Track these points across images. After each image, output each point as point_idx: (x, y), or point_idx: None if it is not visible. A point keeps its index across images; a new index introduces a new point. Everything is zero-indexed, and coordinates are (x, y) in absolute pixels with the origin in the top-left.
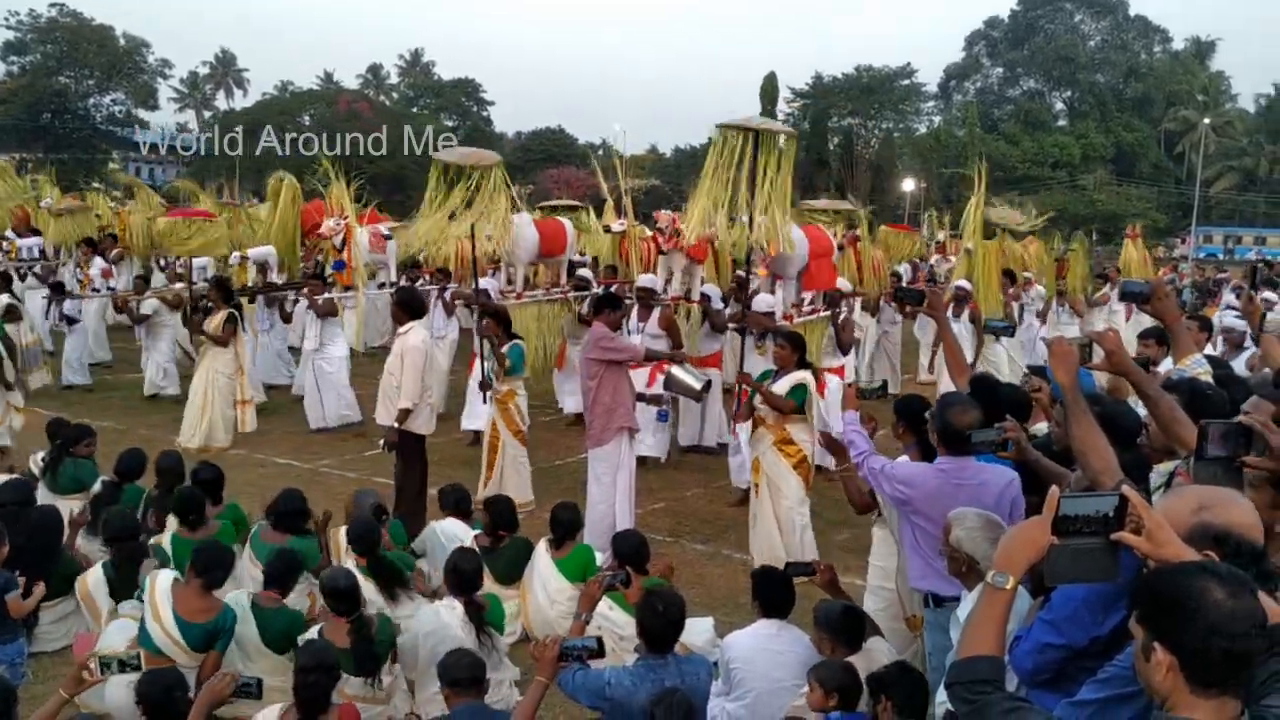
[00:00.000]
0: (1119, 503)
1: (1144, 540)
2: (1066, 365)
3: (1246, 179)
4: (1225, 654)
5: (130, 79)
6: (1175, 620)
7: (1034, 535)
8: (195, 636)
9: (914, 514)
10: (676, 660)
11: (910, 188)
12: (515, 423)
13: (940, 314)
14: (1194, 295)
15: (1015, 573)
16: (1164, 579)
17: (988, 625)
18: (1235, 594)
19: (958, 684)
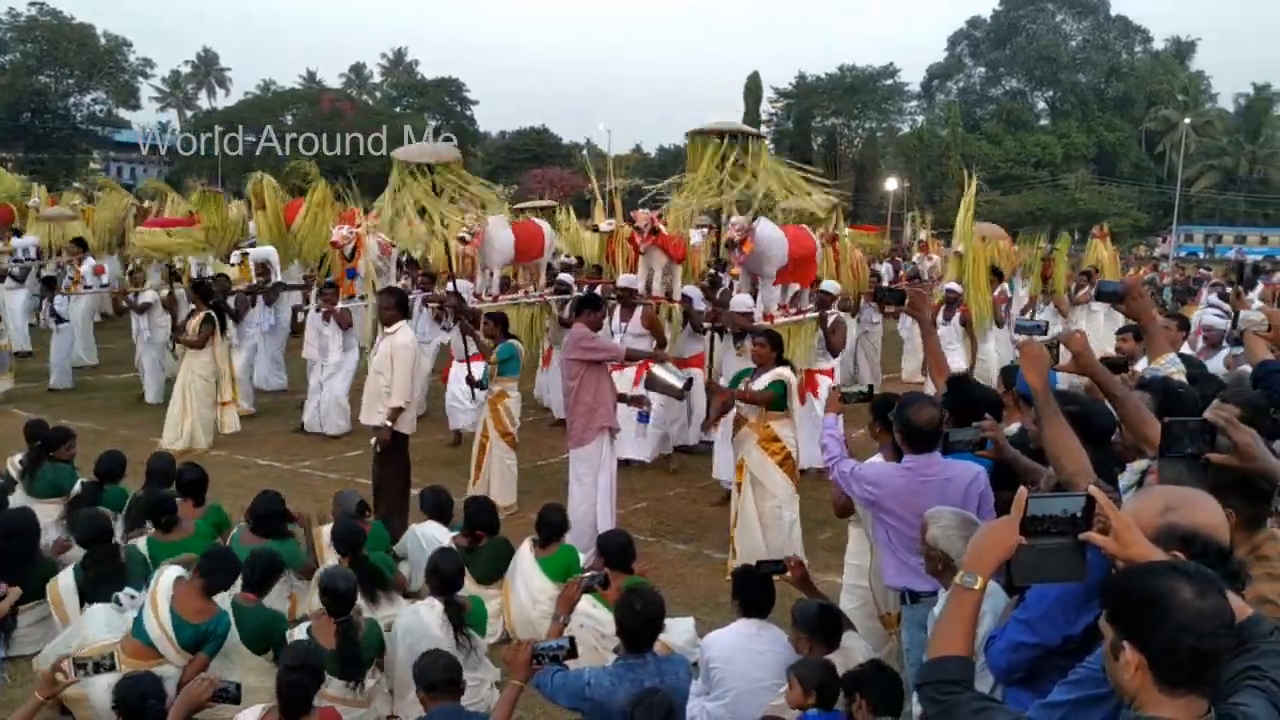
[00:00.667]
0: (1086, 503)
1: (1111, 540)
2: (1037, 367)
3: (1226, 178)
4: (1193, 653)
5: (111, 78)
6: (1144, 620)
7: (1002, 535)
8: (187, 636)
9: (884, 513)
10: (656, 660)
11: (893, 187)
12: (504, 424)
13: (922, 314)
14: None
15: (984, 573)
16: (1133, 578)
17: (956, 625)
18: (1203, 593)
19: (927, 684)
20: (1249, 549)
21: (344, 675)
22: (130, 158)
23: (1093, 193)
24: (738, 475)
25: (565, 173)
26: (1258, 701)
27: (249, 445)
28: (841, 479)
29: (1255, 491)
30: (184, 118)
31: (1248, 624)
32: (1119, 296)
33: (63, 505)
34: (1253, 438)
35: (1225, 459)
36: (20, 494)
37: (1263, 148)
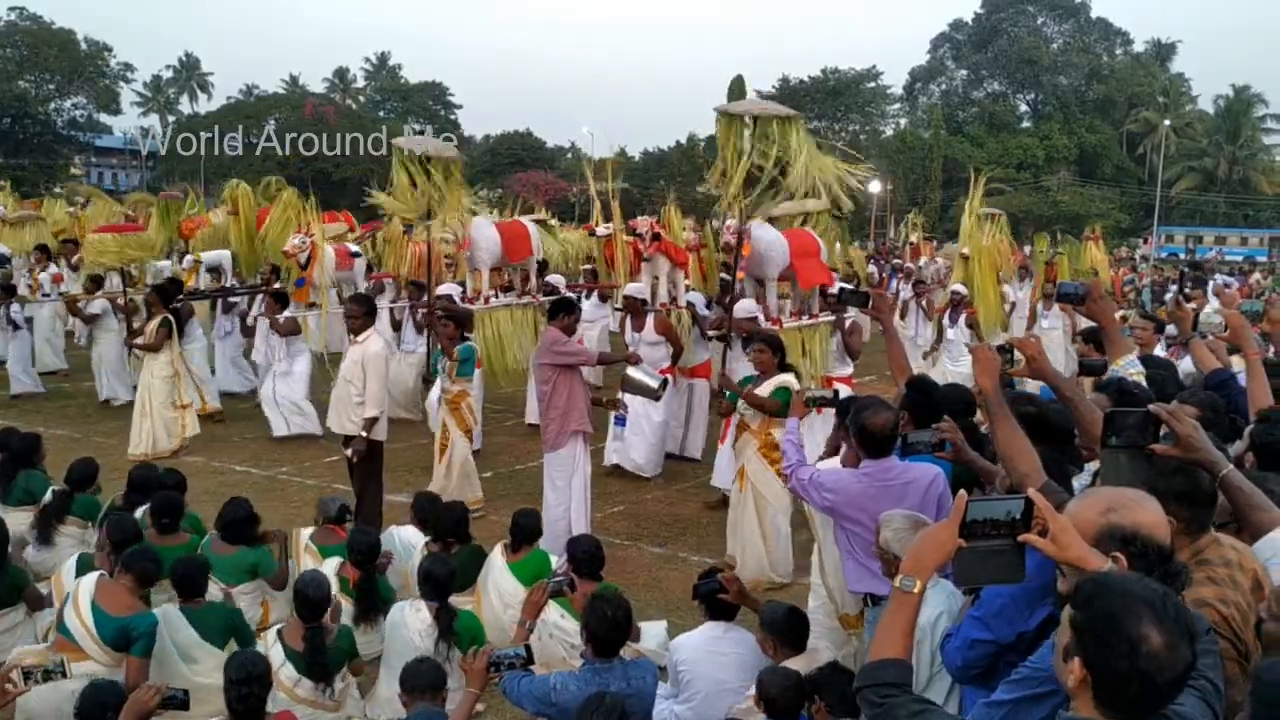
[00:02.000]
0: (1025, 506)
1: (1049, 543)
2: (988, 370)
3: (1207, 179)
4: (1141, 692)
5: (92, 83)
6: (1103, 649)
7: (941, 539)
8: (109, 630)
9: (843, 519)
10: (623, 664)
11: (877, 190)
12: (467, 422)
13: (884, 316)
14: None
15: (922, 576)
16: (1106, 608)
17: (895, 629)
18: (1172, 646)
19: (866, 687)
20: (1191, 554)
21: (311, 676)
22: (111, 163)
23: (1074, 194)
24: (739, 482)
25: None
26: (1193, 701)
27: (224, 451)
28: (799, 486)
29: (1197, 496)
30: (166, 122)
31: None
32: (1079, 299)
33: (34, 513)
34: (1194, 428)
35: (1167, 449)
36: None
37: (1242, 149)
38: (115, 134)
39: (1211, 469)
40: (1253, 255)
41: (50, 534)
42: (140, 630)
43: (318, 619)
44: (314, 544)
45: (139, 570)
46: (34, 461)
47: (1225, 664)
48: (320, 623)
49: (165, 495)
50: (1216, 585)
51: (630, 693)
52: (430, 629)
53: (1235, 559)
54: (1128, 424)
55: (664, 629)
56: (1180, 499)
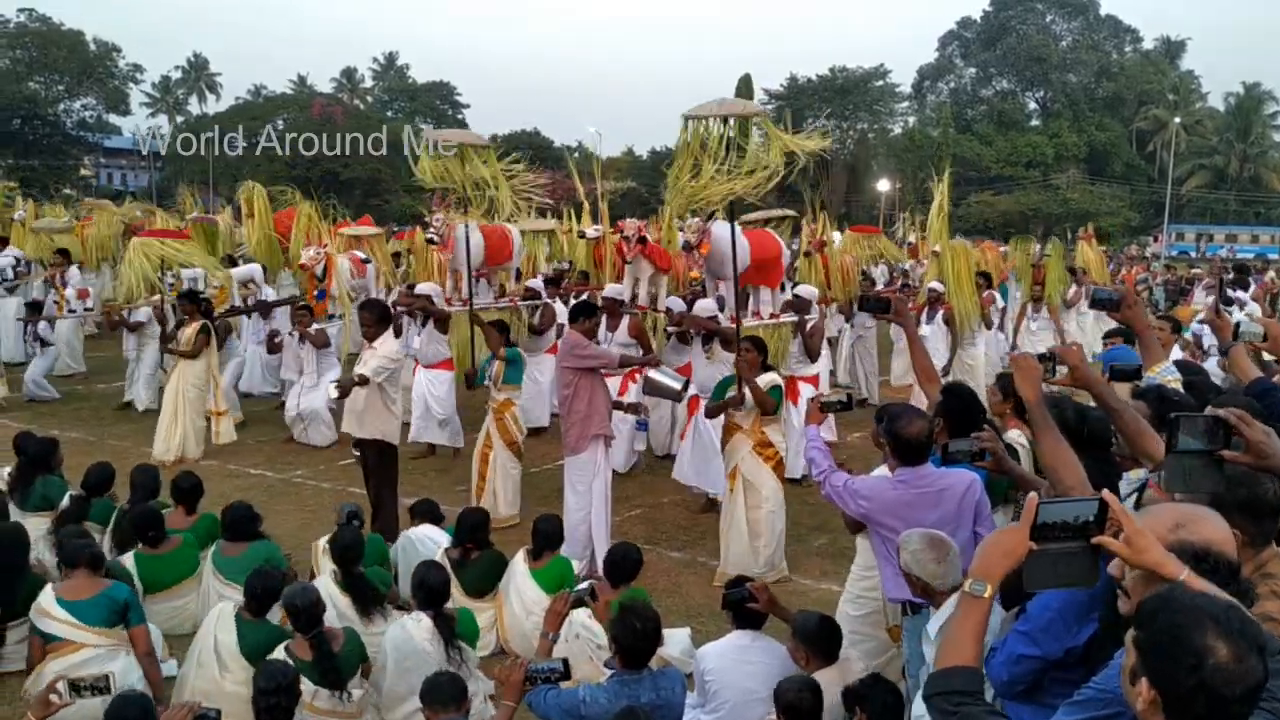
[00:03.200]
0: (1099, 508)
1: (1123, 545)
2: (1029, 380)
3: (1217, 177)
4: (1211, 708)
5: (101, 84)
6: (1169, 667)
7: (1012, 543)
8: (87, 611)
9: (879, 526)
10: (651, 674)
11: (885, 188)
12: (510, 433)
13: (907, 322)
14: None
15: (993, 580)
16: (1170, 622)
17: (966, 635)
18: (1239, 658)
19: (937, 695)
20: (1254, 568)
21: (325, 684)
22: (120, 163)
23: (1084, 192)
24: (730, 482)
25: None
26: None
27: (239, 454)
28: (834, 493)
29: (1261, 508)
30: (174, 123)
31: None
32: (1115, 305)
33: (52, 519)
34: (1266, 434)
35: (1237, 456)
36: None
37: (1253, 146)
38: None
39: None
40: (1264, 253)
41: None
42: (122, 598)
43: (315, 626)
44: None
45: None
46: (51, 466)
47: None
48: (321, 630)
49: (140, 510)
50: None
51: (660, 703)
52: (435, 636)
53: None
54: (1196, 429)
55: (687, 635)
56: (1244, 510)
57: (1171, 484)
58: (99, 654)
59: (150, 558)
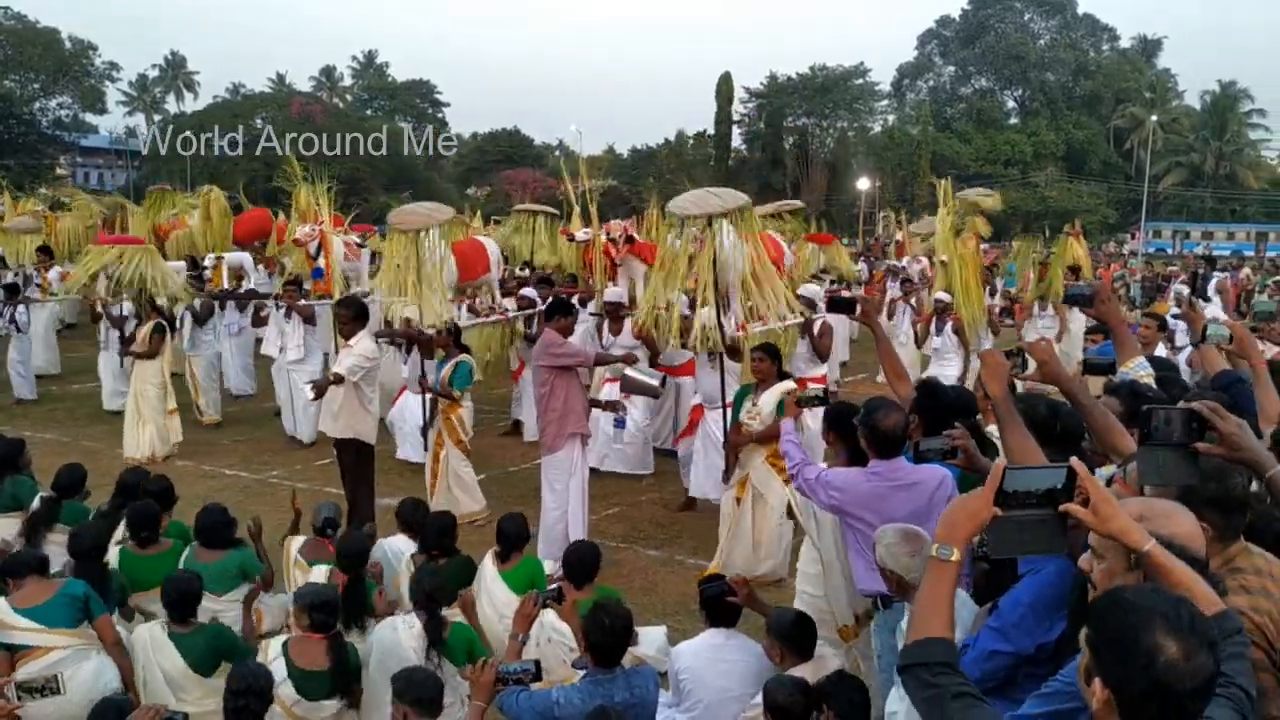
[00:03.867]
0: (1067, 476)
1: (1090, 513)
2: (998, 376)
3: (1193, 175)
4: (1164, 710)
5: (77, 82)
6: (1120, 665)
7: (976, 507)
8: (49, 615)
9: (851, 519)
10: (625, 673)
11: (865, 186)
12: (458, 433)
13: (874, 322)
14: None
15: (958, 544)
16: (1119, 620)
17: (937, 603)
18: (1189, 655)
19: (915, 665)
20: (1222, 562)
21: (337, 693)
22: (97, 163)
23: (1062, 190)
24: (738, 490)
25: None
26: (1224, 712)
27: (214, 455)
28: (806, 486)
29: (1230, 503)
30: (152, 122)
31: (1217, 620)
32: (1087, 300)
33: (21, 520)
34: (1239, 426)
35: (1211, 448)
36: None
37: (1229, 144)
38: (101, 133)
39: (1258, 468)
40: (1240, 250)
41: (39, 541)
42: (80, 593)
43: (333, 626)
44: (303, 558)
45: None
46: (19, 466)
47: (1260, 675)
48: (338, 633)
49: (140, 506)
50: (1249, 594)
51: (634, 702)
52: (421, 642)
53: (1266, 568)
54: (1169, 422)
55: (663, 634)
56: (1213, 505)
57: (1145, 476)
58: (68, 655)
59: (136, 557)
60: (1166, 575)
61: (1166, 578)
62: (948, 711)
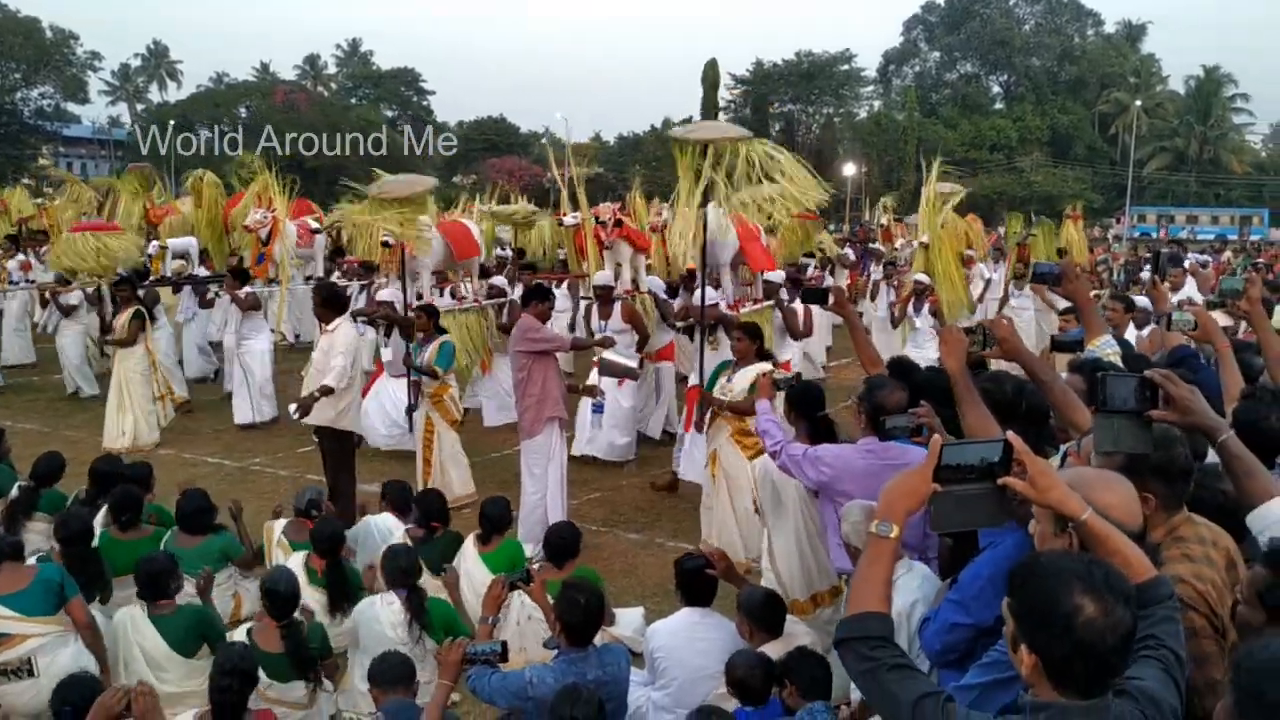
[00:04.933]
0: (1004, 449)
1: (1027, 485)
2: (955, 351)
3: (1178, 159)
4: (1088, 666)
5: (58, 72)
6: (1042, 630)
7: (915, 484)
8: (26, 603)
9: (839, 495)
10: (597, 651)
11: (851, 172)
12: (451, 413)
13: (847, 312)
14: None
15: (897, 520)
16: (1038, 587)
17: (875, 579)
18: (1108, 610)
19: (853, 640)
20: (1166, 530)
21: (299, 675)
22: (80, 152)
23: (1047, 175)
24: (711, 467)
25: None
26: (1151, 672)
27: (196, 443)
28: (791, 463)
29: (1172, 471)
30: (135, 111)
31: (1149, 586)
32: (1055, 279)
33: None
34: (1191, 392)
35: (1164, 414)
36: None
37: (1212, 129)
38: (84, 123)
39: (1211, 434)
40: (1224, 234)
41: (18, 529)
42: (56, 578)
43: (289, 615)
44: (285, 538)
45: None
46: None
47: (1202, 641)
48: (293, 619)
49: (123, 490)
50: (1192, 562)
51: (606, 679)
52: (403, 620)
53: (1210, 536)
54: (1122, 390)
55: (641, 615)
56: (1157, 474)
57: (1100, 443)
58: (46, 643)
59: (116, 541)
60: (1102, 543)
61: (1102, 545)
62: (884, 683)
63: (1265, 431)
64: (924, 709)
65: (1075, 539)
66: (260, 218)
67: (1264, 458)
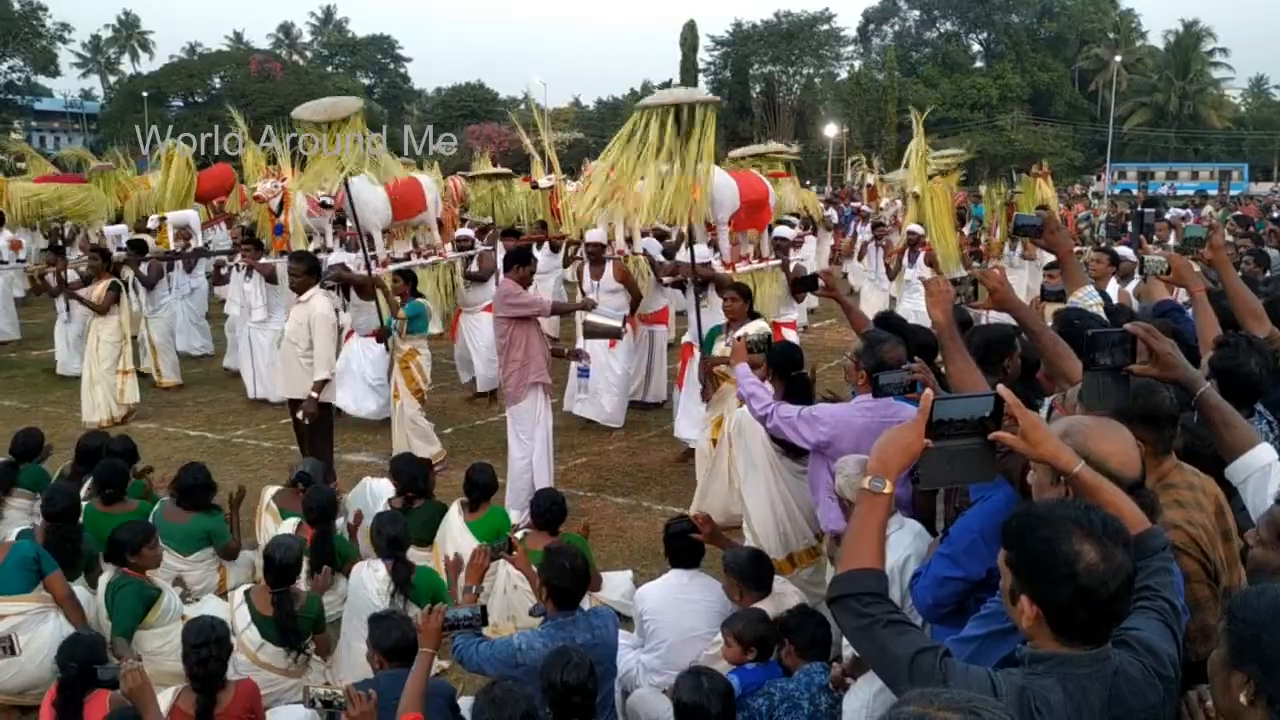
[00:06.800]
0: (995, 404)
1: (1019, 439)
2: (941, 302)
3: (1158, 115)
4: (1091, 613)
5: (27, 44)
6: (1043, 579)
7: (908, 439)
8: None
9: (837, 454)
10: (584, 614)
11: (833, 133)
12: (416, 381)
13: (838, 294)
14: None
15: (890, 476)
16: (1036, 536)
17: (869, 534)
18: (1107, 555)
19: (847, 596)
20: (1156, 478)
21: (283, 642)
22: (53, 126)
23: (1028, 133)
24: (713, 431)
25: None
26: (1149, 623)
27: (179, 416)
28: (785, 424)
29: (1159, 417)
30: (107, 83)
31: (1144, 538)
32: (1037, 230)
33: None
34: (1171, 346)
35: (1146, 369)
36: None
37: (1192, 84)
38: (55, 97)
39: (1190, 387)
40: (1204, 189)
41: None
42: (31, 554)
43: (286, 584)
44: (275, 504)
45: None
46: None
47: (1195, 586)
48: (288, 588)
49: (108, 464)
50: (1183, 508)
51: (595, 642)
52: (388, 587)
53: (1199, 483)
54: (1108, 345)
55: (629, 578)
56: (1145, 420)
57: (1088, 399)
58: (25, 619)
59: (101, 514)
60: (1094, 495)
61: (1094, 497)
62: (879, 638)
63: (1243, 377)
64: (922, 664)
65: (1070, 490)
66: (271, 187)
67: (1242, 402)
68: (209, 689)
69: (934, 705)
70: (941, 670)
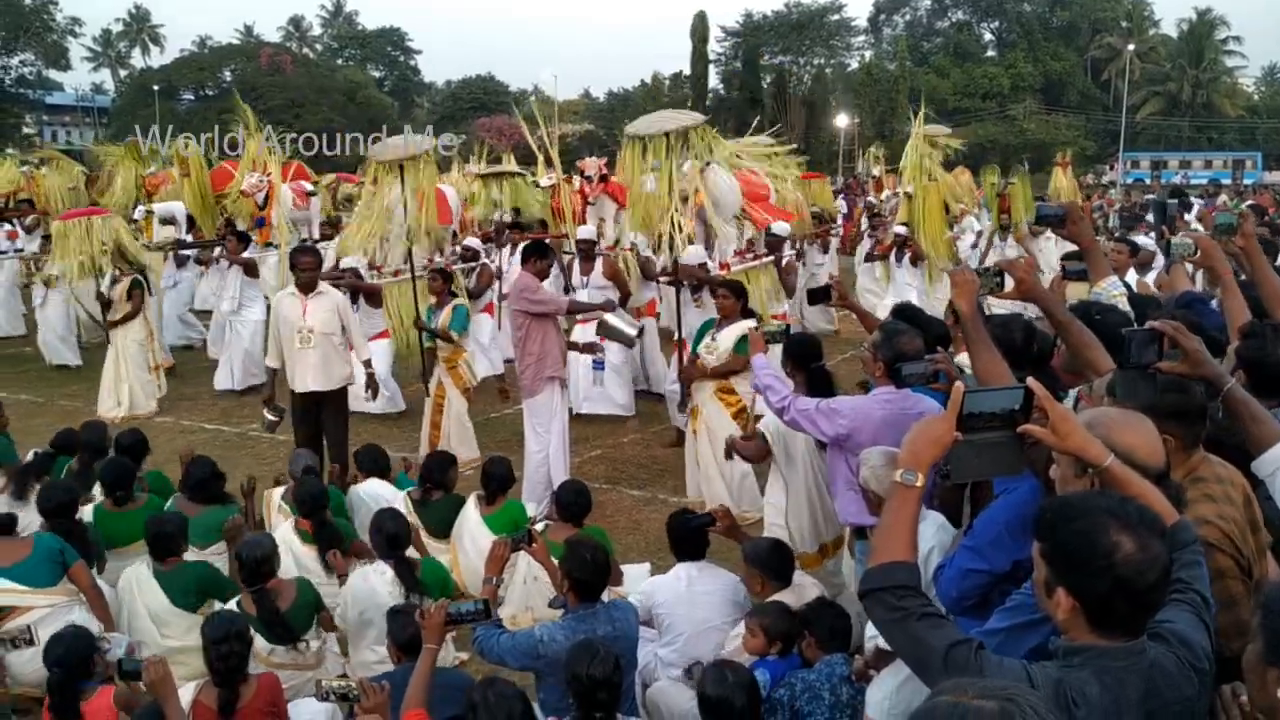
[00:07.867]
0: (1024, 397)
1: (1048, 432)
2: (966, 293)
3: (1171, 104)
4: (1130, 604)
5: (39, 39)
6: (1081, 571)
7: (939, 432)
8: (29, 574)
9: (855, 448)
10: (605, 607)
11: (844, 124)
12: (464, 379)
13: (854, 304)
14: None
15: (922, 469)
16: (1072, 528)
17: (900, 527)
18: (1144, 545)
19: (880, 590)
20: (1185, 472)
21: (273, 639)
22: (64, 120)
23: (1040, 123)
24: (692, 421)
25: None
26: (1182, 616)
27: (194, 410)
28: (803, 417)
29: (1190, 412)
30: (118, 77)
31: (1174, 530)
32: (1060, 220)
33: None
34: (1200, 344)
35: (1174, 366)
36: None
37: (1205, 72)
38: (67, 91)
39: (1217, 383)
40: (1217, 178)
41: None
42: (56, 546)
43: (260, 582)
44: (286, 504)
45: None
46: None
47: (1228, 582)
48: (264, 586)
49: (114, 464)
50: (1214, 502)
51: (616, 635)
52: (399, 589)
53: (1227, 475)
54: (1141, 343)
55: (648, 571)
56: (1175, 416)
57: (1122, 396)
58: (51, 612)
59: (111, 514)
60: (1125, 488)
61: (1125, 490)
62: (914, 632)
63: (1271, 367)
64: (957, 656)
65: (1097, 482)
66: (256, 182)
67: (1270, 392)
68: (230, 683)
69: (969, 694)
70: (977, 663)
